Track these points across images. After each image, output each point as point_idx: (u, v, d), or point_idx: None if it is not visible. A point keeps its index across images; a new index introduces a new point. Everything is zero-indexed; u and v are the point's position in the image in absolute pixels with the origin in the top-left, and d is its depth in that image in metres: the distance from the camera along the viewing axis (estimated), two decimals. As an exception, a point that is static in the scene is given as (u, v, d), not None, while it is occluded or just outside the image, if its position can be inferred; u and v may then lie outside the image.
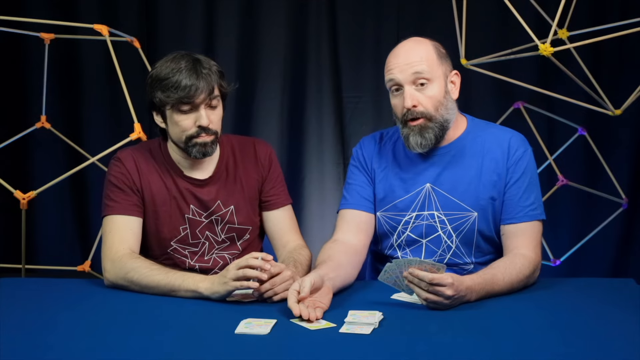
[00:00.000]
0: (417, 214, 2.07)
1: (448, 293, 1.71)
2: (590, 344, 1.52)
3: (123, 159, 2.09)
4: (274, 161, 2.21)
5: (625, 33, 2.76)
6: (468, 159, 2.07)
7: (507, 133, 2.10)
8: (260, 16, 3.67)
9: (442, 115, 2.02)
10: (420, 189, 2.07)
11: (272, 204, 2.19)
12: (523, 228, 2.02)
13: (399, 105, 2.03)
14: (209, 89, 1.99)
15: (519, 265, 1.92)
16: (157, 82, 2.00)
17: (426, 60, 2.00)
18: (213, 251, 2.14)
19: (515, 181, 2.04)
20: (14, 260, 3.21)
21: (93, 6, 3.62)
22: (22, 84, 3.65)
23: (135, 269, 1.92)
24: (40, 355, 1.49)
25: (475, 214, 2.04)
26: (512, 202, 2.03)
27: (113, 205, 2.05)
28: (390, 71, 2.03)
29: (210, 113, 2.02)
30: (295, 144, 3.72)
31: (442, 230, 2.06)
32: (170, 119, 2.03)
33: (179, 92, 1.96)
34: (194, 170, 2.12)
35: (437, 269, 1.72)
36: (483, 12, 3.52)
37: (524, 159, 2.06)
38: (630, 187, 3.62)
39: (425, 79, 1.99)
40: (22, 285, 2.10)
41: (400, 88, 2.02)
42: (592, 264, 3.65)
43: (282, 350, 1.51)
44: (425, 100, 2.00)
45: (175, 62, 2.00)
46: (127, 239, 2.02)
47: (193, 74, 1.97)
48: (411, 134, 2.01)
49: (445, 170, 2.07)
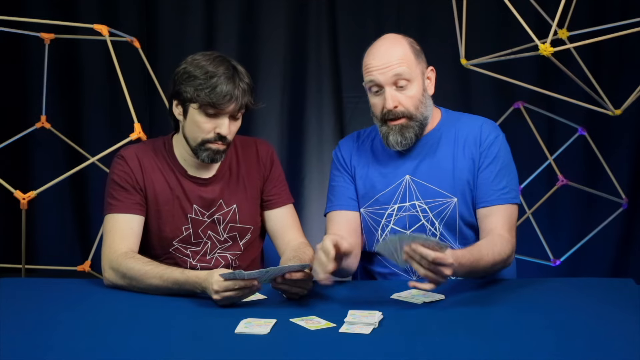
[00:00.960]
0: (399, 205, 2.10)
1: (447, 272, 1.72)
2: (590, 344, 1.52)
3: (126, 157, 2.09)
4: (275, 161, 2.21)
5: (625, 33, 2.75)
6: (443, 147, 2.11)
7: (479, 120, 2.15)
8: (260, 16, 3.67)
9: (422, 113, 2.06)
10: (400, 181, 2.11)
11: (273, 203, 2.19)
12: (496, 210, 2.05)
13: (379, 104, 2.06)
14: (241, 102, 1.99)
15: (499, 246, 1.96)
16: (192, 78, 1.97)
17: (405, 60, 2.03)
18: (215, 251, 2.14)
19: (487, 165, 2.08)
20: (14, 260, 3.21)
21: (93, 6, 3.62)
22: (22, 84, 3.65)
23: (132, 269, 1.91)
24: (40, 355, 1.49)
25: (455, 199, 2.08)
26: (485, 186, 2.07)
27: (115, 204, 2.05)
28: (370, 73, 2.05)
29: (231, 124, 2.02)
30: (295, 144, 3.72)
31: (424, 219, 2.09)
32: (191, 116, 2.01)
33: (213, 96, 1.95)
34: (197, 170, 2.12)
35: (440, 247, 1.72)
36: (483, 12, 3.52)
37: (496, 144, 2.09)
38: (630, 187, 3.62)
39: (405, 79, 2.02)
40: (22, 285, 2.10)
41: (379, 89, 2.04)
42: (592, 264, 3.64)
43: (282, 350, 1.51)
44: (406, 100, 2.03)
45: (215, 65, 1.98)
46: (127, 238, 2.02)
47: (231, 82, 1.96)
48: (391, 132, 2.05)
49: (422, 161, 2.10)
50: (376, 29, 3.66)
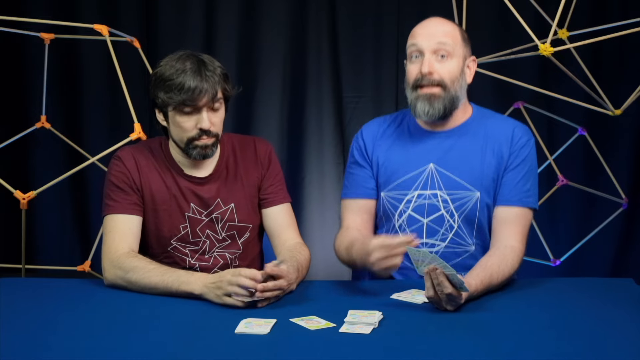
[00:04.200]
0: (420, 192, 2.09)
1: (449, 308, 1.72)
2: (590, 344, 1.52)
3: (123, 157, 2.09)
4: (274, 159, 2.21)
5: (625, 33, 2.76)
6: (472, 141, 2.10)
7: (512, 122, 2.16)
8: (260, 16, 3.67)
9: (456, 90, 2.06)
10: (423, 168, 2.10)
11: (270, 201, 2.19)
12: (515, 214, 2.05)
13: (415, 70, 2.06)
14: (213, 92, 1.99)
15: (510, 262, 1.95)
16: (161, 82, 1.99)
17: (452, 36, 2.06)
18: (214, 249, 2.14)
19: (515, 166, 2.07)
20: (14, 260, 3.21)
21: (93, 6, 3.62)
22: (22, 84, 3.65)
23: (133, 269, 1.92)
24: (40, 355, 1.49)
25: (478, 194, 2.07)
26: (509, 185, 2.07)
27: (113, 205, 2.05)
28: (414, 37, 2.07)
29: (212, 116, 2.02)
30: (295, 144, 3.72)
31: (444, 209, 2.08)
32: (172, 120, 2.03)
33: (182, 94, 1.95)
34: (194, 169, 2.12)
35: (460, 289, 1.70)
36: (483, 12, 3.52)
37: (527, 147, 2.09)
38: (630, 187, 3.62)
39: (446, 51, 2.04)
40: (22, 285, 2.09)
41: (420, 55, 2.05)
42: (592, 264, 3.65)
43: (282, 350, 1.51)
44: (443, 69, 2.04)
45: (180, 63, 1.99)
46: (127, 238, 2.02)
47: (197, 75, 1.96)
48: (419, 100, 2.05)
49: (449, 151, 2.10)
50: (376, 29, 3.67)
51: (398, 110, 3.62)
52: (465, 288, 1.70)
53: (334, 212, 3.67)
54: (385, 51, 3.67)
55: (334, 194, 3.68)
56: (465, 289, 1.70)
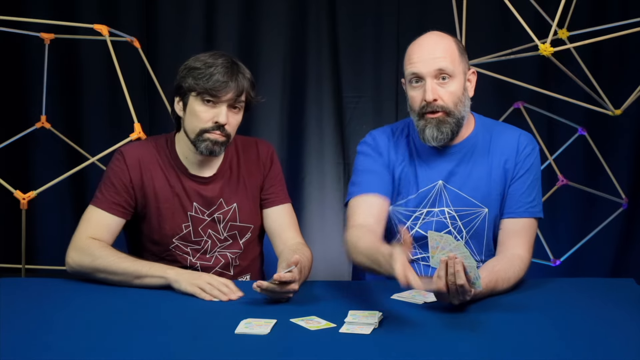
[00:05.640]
0: (428, 210, 2.08)
1: (454, 302, 1.71)
2: (590, 344, 1.52)
3: (126, 154, 2.10)
4: (275, 160, 2.22)
5: (625, 33, 2.76)
6: (479, 156, 2.08)
7: (516, 131, 2.14)
8: (260, 16, 3.66)
9: (460, 111, 2.03)
10: (432, 185, 2.08)
11: (271, 201, 2.19)
12: (522, 225, 2.05)
13: (418, 97, 2.02)
14: (238, 91, 2.02)
15: (517, 269, 1.95)
16: (192, 70, 2.03)
17: (450, 55, 2.00)
18: (215, 249, 2.14)
19: (520, 176, 2.06)
20: (14, 260, 3.21)
21: (93, 6, 3.62)
22: (22, 84, 3.65)
23: (102, 257, 1.96)
24: (40, 355, 1.49)
25: (486, 210, 2.06)
26: (515, 197, 2.06)
27: (101, 198, 2.08)
28: (413, 64, 2.01)
29: (230, 114, 2.04)
30: (295, 144, 3.72)
31: (452, 226, 2.07)
32: (190, 107, 2.04)
33: (210, 82, 1.99)
34: (198, 168, 2.12)
35: (474, 284, 1.69)
36: (483, 12, 3.51)
37: (532, 156, 2.08)
38: (630, 187, 3.62)
39: (447, 74, 1.99)
40: (22, 285, 2.10)
41: (420, 81, 2.01)
42: (592, 264, 3.65)
43: (282, 350, 1.51)
44: (446, 95, 2.00)
45: (214, 58, 2.04)
46: (101, 232, 2.05)
47: (228, 71, 2.01)
48: (428, 126, 2.01)
49: (456, 168, 2.07)
50: (376, 29, 3.67)
51: (398, 109, 3.64)
52: (478, 284, 1.69)
53: (334, 212, 3.67)
54: (385, 51, 3.67)
55: (334, 194, 3.68)
56: (479, 286, 1.70)
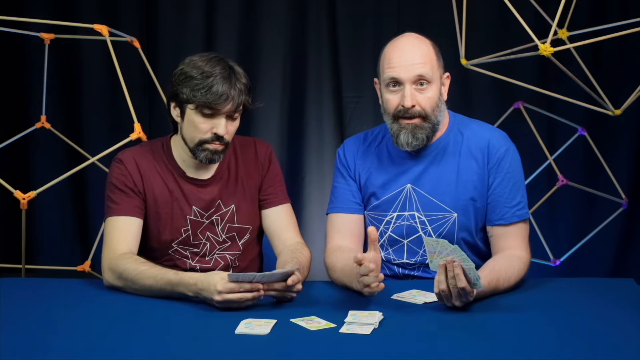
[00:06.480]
0: (398, 214, 2.08)
1: (458, 304, 1.72)
2: (590, 344, 1.52)
3: (124, 160, 2.09)
4: (274, 160, 2.21)
5: (625, 33, 2.75)
6: (448, 158, 2.07)
7: (487, 131, 2.10)
8: (260, 16, 3.66)
9: (436, 116, 2.03)
10: (400, 189, 2.08)
11: (270, 202, 2.19)
12: (512, 230, 2.04)
13: (395, 101, 2.02)
14: (238, 102, 1.99)
15: (517, 269, 1.94)
16: (188, 79, 1.98)
17: (429, 61, 2.00)
18: (214, 251, 2.14)
19: (499, 182, 2.04)
20: (14, 260, 3.21)
21: (93, 6, 3.61)
22: (22, 84, 3.64)
23: (126, 270, 1.92)
24: (40, 355, 1.49)
25: (455, 215, 2.05)
26: (499, 204, 2.04)
27: (114, 207, 2.05)
28: (393, 68, 2.00)
29: (229, 124, 2.02)
30: (295, 144, 3.71)
31: (422, 231, 2.06)
32: (188, 118, 2.02)
33: (209, 96, 1.95)
34: (196, 171, 2.12)
35: (474, 285, 1.70)
36: (483, 12, 3.51)
37: (506, 158, 2.05)
38: (630, 187, 3.61)
39: (426, 80, 1.99)
40: (22, 285, 2.10)
41: (398, 84, 2.01)
42: (592, 264, 3.64)
43: (282, 351, 1.51)
44: (424, 100, 2.00)
45: (211, 65, 1.98)
46: (126, 239, 2.02)
47: (227, 82, 1.96)
48: (402, 131, 2.01)
49: (425, 171, 2.07)
50: (376, 29, 3.66)
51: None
52: (479, 285, 1.70)
53: (334, 212, 3.67)
54: (386, 51, 3.66)
55: (334, 194, 3.67)
56: (480, 286, 1.70)
